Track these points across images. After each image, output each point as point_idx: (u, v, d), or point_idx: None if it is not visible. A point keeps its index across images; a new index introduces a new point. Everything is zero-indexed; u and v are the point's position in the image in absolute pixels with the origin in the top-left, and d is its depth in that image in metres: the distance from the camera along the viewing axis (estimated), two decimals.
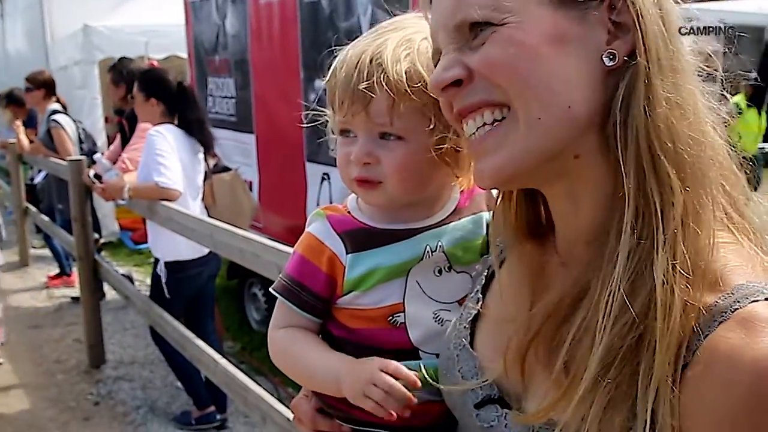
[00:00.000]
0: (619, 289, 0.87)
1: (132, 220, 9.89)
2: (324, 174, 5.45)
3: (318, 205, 5.52)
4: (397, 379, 1.19)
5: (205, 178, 5.08)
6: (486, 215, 1.34)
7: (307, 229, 1.35)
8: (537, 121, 0.92)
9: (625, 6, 0.90)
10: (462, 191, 1.36)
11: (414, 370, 1.22)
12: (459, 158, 1.26)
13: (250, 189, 6.18)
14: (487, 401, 1.06)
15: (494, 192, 1.35)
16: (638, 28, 0.90)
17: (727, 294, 0.84)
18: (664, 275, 0.84)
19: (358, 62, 1.22)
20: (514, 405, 1.03)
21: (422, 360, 1.27)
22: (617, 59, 0.91)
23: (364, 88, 1.20)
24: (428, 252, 1.29)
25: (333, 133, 1.35)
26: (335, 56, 1.30)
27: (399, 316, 1.28)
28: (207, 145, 4.96)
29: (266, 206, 5.87)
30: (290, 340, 1.34)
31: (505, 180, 1.00)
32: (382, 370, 1.19)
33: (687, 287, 0.84)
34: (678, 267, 0.84)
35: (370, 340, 1.29)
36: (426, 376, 1.21)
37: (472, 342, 1.13)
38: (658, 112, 0.88)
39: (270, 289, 1.38)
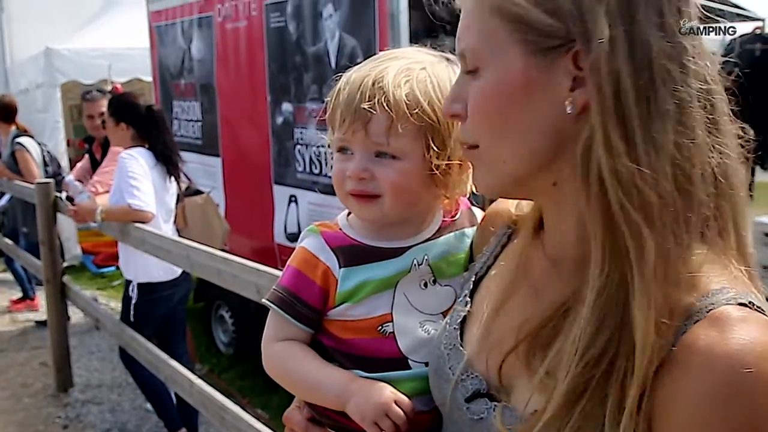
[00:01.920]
0: (586, 329, 0.93)
1: (94, 243, 9.83)
2: (291, 196, 5.51)
3: (285, 227, 5.59)
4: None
5: (178, 201, 5.12)
6: (468, 231, 1.42)
7: (300, 244, 1.42)
8: (502, 164, 1.03)
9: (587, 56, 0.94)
10: (446, 211, 1.43)
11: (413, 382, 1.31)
12: (448, 181, 1.35)
13: None
14: (477, 395, 1.11)
15: (476, 211, 1.46)
16: (593, 81, 0.93)
17: (703, 297, 0.91)
18: (643, 318, 0.90)
19: (361, 84, 1.32)
20: (503, 398, 1.08)
21: (412, 369, 1.34)
22: (576, 108, 0.96)
23: (366, 107, 1.29)
24: (415, 265, 1.36)
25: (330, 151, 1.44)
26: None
27: (388, 325, 1.35)
28: (172, 171, 4.98)
29: (233, 229, 5.91)
30: (289, 353, 1.39)
31: (490, 196, 1.21)
32: (396, 403, 1.26)
33: (662, 322, 0.90)
34: (654, 309, 0.89)
35: (361, 349, 1.35)
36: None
37: (461, 342, 1.19)
38: (619, 165, 0.92)
39: (263, 300, 1.43)
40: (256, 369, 6.27)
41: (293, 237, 5.51)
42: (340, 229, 1.42)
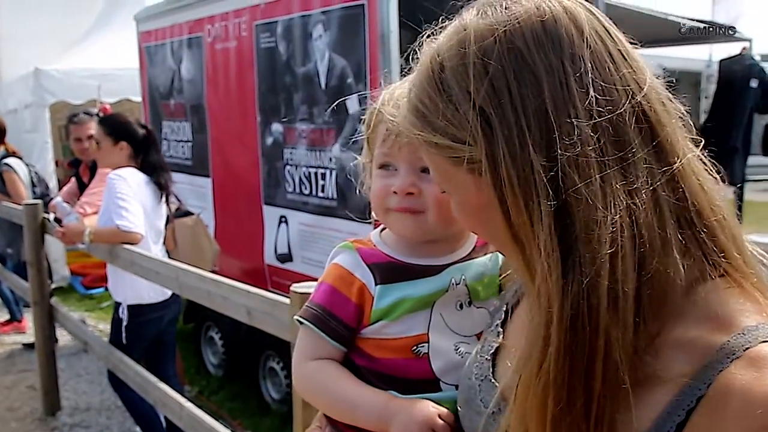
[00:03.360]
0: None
1: (82, 264, 9.78)
2: (281, 216, 5.49)
3: (276, 248, 5.57)
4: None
5: (167, 222, 5.09)
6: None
7: (334, 261, 1.41)
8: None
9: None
10: None
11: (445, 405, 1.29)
12: None
13: None
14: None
15: None
16: (487, 188, 0.96)
17: (738, 334, 0.88)
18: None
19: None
20: None
21: (443, 391, 1.33)
22: None
23: None
24: (453, 284, 1.36)
25: (363, 169, 1.44)
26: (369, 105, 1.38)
27: (423, 346, 1.34)
28: (166, 189, 4.97)
29: (223, 249, 5.88)
30: (325, 372, 1.37)
31: None
32: (440, 417, 1.25)
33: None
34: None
35: (394, 369, 1.34)
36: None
37: (494, 373, 1.17)
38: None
39: (296, 317, 1.41)
40: (247, 390, 6.27)
41: (283, 258, 5.49)
42: (375, 245, 1.41)
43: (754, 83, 8.80)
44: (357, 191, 1.48)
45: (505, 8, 0.96)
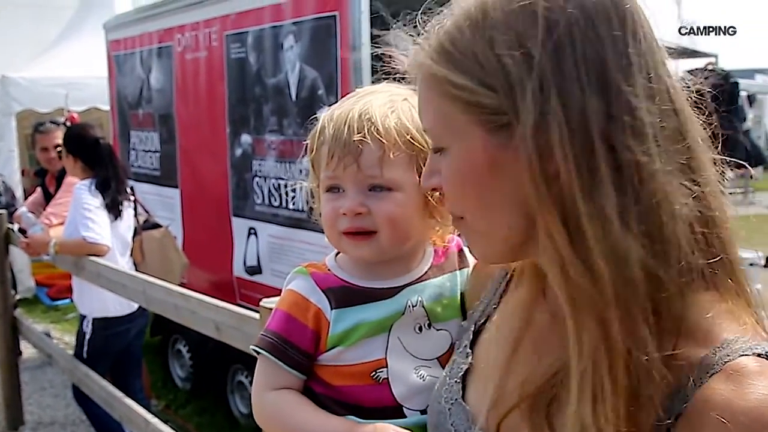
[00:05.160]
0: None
1: (48, 275, 9.65)
2: (251, 228, 5.44)
3: (245, 260, 5.51)
4: None
5: (135, 234, 5.02)
6: (461, 273, 1.39)
7: (288, 287, 1.37)
8: (486, 232, 1.02)
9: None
10: (436, 248, 1.41)
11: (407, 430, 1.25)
12: (442, 209, 1.31)
13: None
14: None
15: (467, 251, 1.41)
16: (524, 157, 0.91)
17: (717, 348, 0.87)
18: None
19: (347, 118, 1.29)
20: None
21: (408, 417, 1.30)
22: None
23: (356, 140, 1.26)
24: (409, 307, 1.33)
25: (312, 195, 1.41)
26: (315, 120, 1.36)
27: (382, 371, 1.31)
28: (115, 209, 4.80)
29: (191, 261, 5.81)
30: (285, 402, 1.33)
31: (488, 263, 1.20)
32: None
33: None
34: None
35: (353, 397, 1.31)
36: None
37: (464, 396, 1.15)
38: (561, 251, 0.90)
39: (252, 348, 1.37)
40: (214, 404, 6.21)
41: (253, 270, 5.43)
42: (329, 270, 1.38)
43: (723, 95, 8.88)
44: (313, 220, 1.44)
45: None
